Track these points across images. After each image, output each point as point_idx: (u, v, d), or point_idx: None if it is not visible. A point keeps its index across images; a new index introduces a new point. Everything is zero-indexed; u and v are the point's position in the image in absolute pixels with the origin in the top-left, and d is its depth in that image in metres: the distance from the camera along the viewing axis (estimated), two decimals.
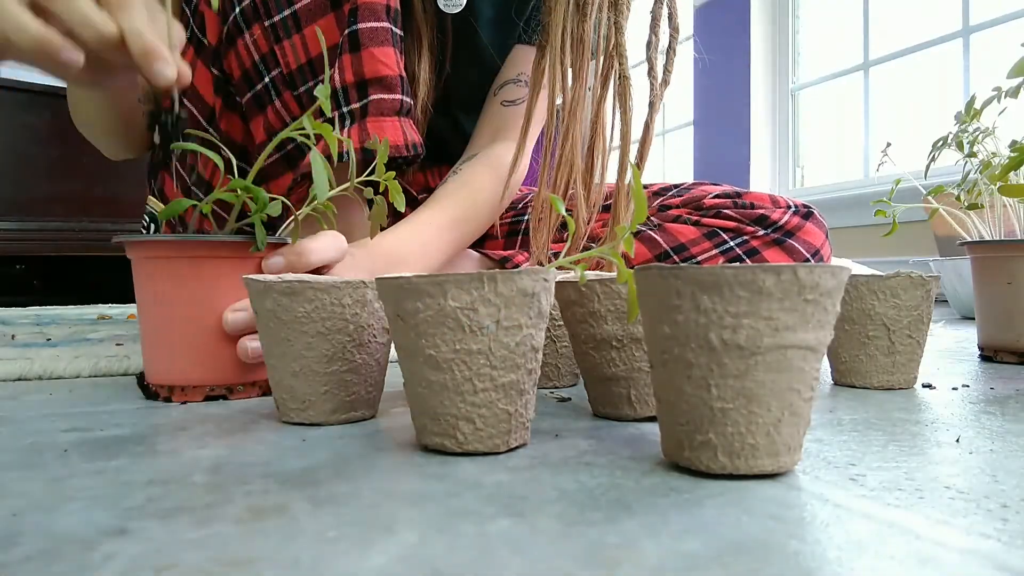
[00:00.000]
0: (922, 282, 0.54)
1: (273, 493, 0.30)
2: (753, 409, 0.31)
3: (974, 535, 0.25)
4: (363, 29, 0.66)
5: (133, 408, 0.49)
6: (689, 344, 0.31)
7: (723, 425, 0.31)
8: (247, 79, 0.69)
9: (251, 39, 0.67)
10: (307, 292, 0.41)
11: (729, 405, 0.31)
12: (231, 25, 0.68)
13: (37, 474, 0.33)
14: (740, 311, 0.30)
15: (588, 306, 0.43)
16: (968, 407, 0.48)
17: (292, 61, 0.67)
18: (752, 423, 0.31)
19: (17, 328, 1.05)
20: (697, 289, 0.30)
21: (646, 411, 0.43)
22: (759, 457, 0.31)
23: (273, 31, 0.67)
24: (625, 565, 0.22)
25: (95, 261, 2.03)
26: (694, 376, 0.31)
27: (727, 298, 0.30)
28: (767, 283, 0.30)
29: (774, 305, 0.30)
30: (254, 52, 0.68)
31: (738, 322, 0.30)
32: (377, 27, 0.67)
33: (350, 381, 0.43)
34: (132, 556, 0.23)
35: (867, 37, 2.64)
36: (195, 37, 0.72)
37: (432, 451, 0.37)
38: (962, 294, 1.42)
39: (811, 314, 0.31)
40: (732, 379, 0.31)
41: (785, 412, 0.31)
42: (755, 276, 0.30)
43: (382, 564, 0.23)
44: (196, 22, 0.72)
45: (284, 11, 0.66)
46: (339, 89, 0.67)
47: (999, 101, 0.76)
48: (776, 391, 0.31)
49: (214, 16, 0.69)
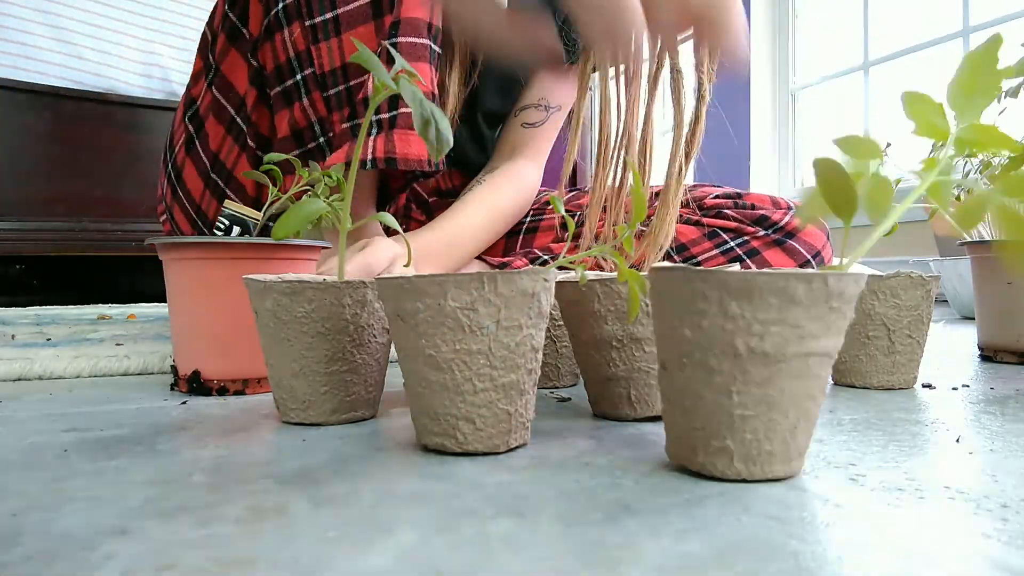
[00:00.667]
0: (922, 282, 0.54)
1: (273, 493, 0.30)
2: (773, 416, 0.30)
3: (974, 535, 0.25)
4: (402, 43, 0.67)
5: (133, 408, 0.49)
6: (712, 349, 0.30)
7: (742, 432, 0.30)
8: (279, 73, 0.71)
9: (289, 35, 0.69)
10: (307, 292, 0.41)
11: (750, 412, 0.30)
12: (272, 19, 0.70)
13: (37, 474, 0.33)
14: (770, 318, 0.29)
15: (588, 306, 0.43)
16: (968, 407, 0.48)
17: (327, 63, 0.68)
18: (771, 430, 0.30)
19: (17, 328, 1.05)
20: (726, 294, 0.30)
21: (646, 411, 0.43)
22: (774, 463, 0.31)
23: (312, 31, 0.68)
24: (625, 565, 0.22)
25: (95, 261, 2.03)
26: (715, 382, 0.31)
27: (757, 305, 0.29)
28: (798, 291, 0.29)
29: (801, 313, 0.29)
30: (290, 48, 0.69)
31: (766, 329, 0.29)
32: (416, 43, 0.67)
33: (350, 381, 0.43)
34: (132, 556, 0.23)
35: (867, 37, 2.64)
36: (234, 25, 0.73)
37: (432, 451, 0.37)
38: (962, 294, 1.42)
39: (833, 322, 0.30)
40: (755, 386, 0.30)
41: (801, 419, 0.31)
42: (787, 283, 0.29)
43: (382, 564, 0.23)
44: (237, 11, 0.73)
45: (326, 14, 0.67)
46: (371, 97, 0.68)
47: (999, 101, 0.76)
48: (795, 398, 0.30)
49: (259, 8, 0.71)
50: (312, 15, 0.68)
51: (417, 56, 0.67)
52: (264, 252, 0.52)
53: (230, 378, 0.53)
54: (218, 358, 0.53)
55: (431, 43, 0.69)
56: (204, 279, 0.52)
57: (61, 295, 2.09)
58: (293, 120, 0.71)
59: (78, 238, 1.87)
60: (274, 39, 0.70)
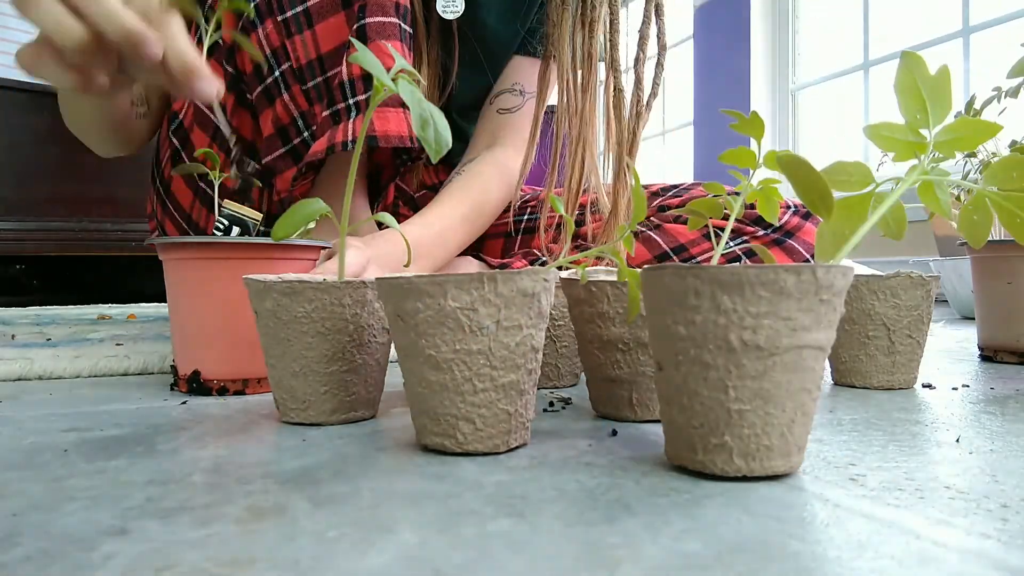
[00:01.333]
0: (922, 282, 0.54)
1: (273, 493, 0.30)
2: (769, 410, 0.30)
3: (974, 535, 0.25)
4: (370, 23, 0.68)
5: (133, 408, 0.49)
6: (707, 345, 0.31)
7: (740, 427, 0.31)
8: (258, 72, 0.71)
9: (263, 33, 0.70)
10: (307, 292, 0.41)
11: (747, 407, 0.30)
12: (245, 21, 0.70)
13: (37, 474, 0.33)
14: (761, 311, 0.30)
15: (597, 307, 0.43)
16: (968, 407, 0.48)
17: (302, 56, 0.69)
18: (768, 424, 0.31)
19: (17, 328, 1.05)
20: (718, 289, 0.30)
21: (647, 415, 0.43)
22: (773, 458, 0.31)
23: (285, 26, 0.69)
24: (625, 565, 0.22)
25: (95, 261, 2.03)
26: (711, 378, 0.31)
27: (748, 298, 0.30)
28: (788, 283, 0.29)
29: (792, 305, 0.30)
30: (266, 46, 0.70)
31: (759, 323, 0.30)
32: (385, 22, 0.68)
33: (350, 381, 0.43)
34: (132, 556, 0.23)
35: (867, 37, 2.65)
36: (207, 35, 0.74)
37: (432, 451, 0.37)
38: (962, 294, 1.42)
39: (824, 314, 0.30)
40: (750, 380, 0.30)
41: (798, 412, 0.31)
42: (777, 276, 0.29)
43: (382, 564, 0.23)
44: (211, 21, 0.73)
45: (296, 7, 0.68)
46: (346, 82, 0.68)
47: (999, 101, 0.76)
48: (791, 391, 0.31)
49: (231, 15, 0.72)
50: (283, 9, 0.69)
51: (388, 35, 0.68)
52: (264, 252, 0.52)
53: (230, 378, 0.53)
54: (218, 358, 0.53)
55: (400, 22, 0.70)
56: (204, 279, 0.52)
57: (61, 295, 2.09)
58: (276, 117, 0.71)
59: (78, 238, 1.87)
60: (249, 40, 0.71)
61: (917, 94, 0.33)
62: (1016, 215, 0.33)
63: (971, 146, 0.33)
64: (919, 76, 0.33)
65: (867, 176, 0.36)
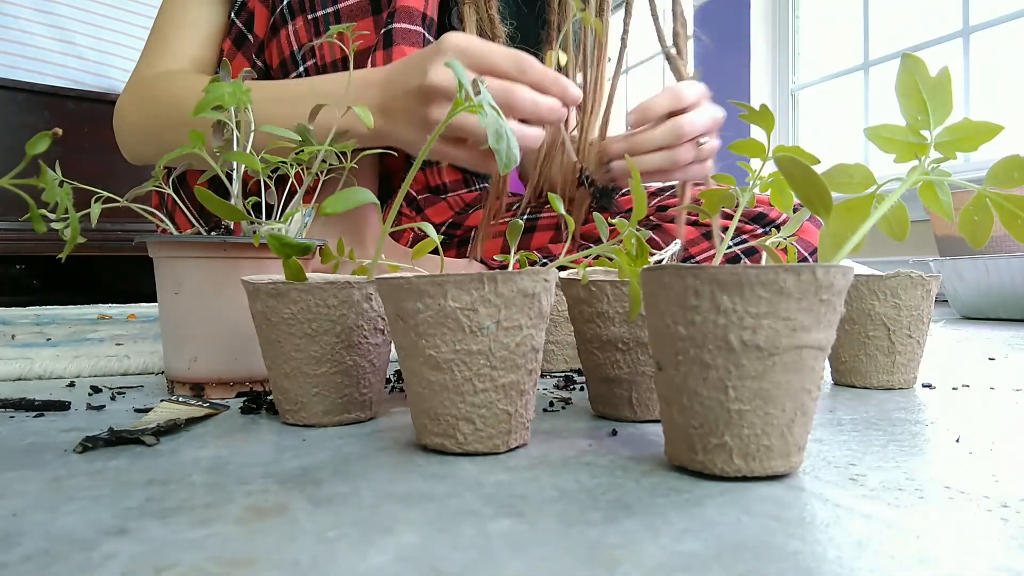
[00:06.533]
0: (922, 282, 0.54)
1: (273, 493, 0.30)
2: (769, 410, 0.30)
3: (974, 535, 0.25)
4: (397, 29, 0.71)
5: (133, 408, 0.48)
6: (707, 345, 0.30)
7: (739, 427, 0.31)
8: (283, 67, 0.74)
9: (293, 30, 0.73)
10: (291, 294, 0.41)
11: (746, 407, 0.30)
12: (277, 16, 0.74)
13: (37, 474, 0.33)
14: (761, 311, 0.30)
15: (597, 306, 0.43)
16: (968, 407, 0.48)
17: (328, 55, 0.72)
18: (768, 424, 0.31)
19: (17, 328, 1.05)
20: (717, 289, 0.30)
21: (646, 415, 0.43)
22: (773, 458, 0.31)
23: (315, 25, 0.72)
24: (625, 565, 0.22)
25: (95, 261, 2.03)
26: (710, 378, 0.31)
27: (748, 298, 0.30)
28: (788, 283, 0.29)
29: (792, 305, 0.30)
30: (294, 42, 0.73)
31: (758, 323, 0.30)
32: (410, 29, 0.72)
33: (341, 383, 0.43)
34: (132, 556, 0.23)
35: (867, 37, 2.64)
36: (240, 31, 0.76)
37: (432, 451, 0.37)
38: (962, 294, 1.42)
39: (824, 314, 0.30)
40: (750, 380, 0.30)
41: (797, 412, 0.31)
42: (777, 276, 0.29)
43: (382, 564, 0.23)
44: (243, 18, 0.77)
45: (328, 8, 0.72)
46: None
47: None
48: (791, 391, 0.31)
49: (263, 10, 0.75)
50: (315, 8, 0.72)
51: (412, 41, 0.72)
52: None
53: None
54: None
55: (425, 32, 0.74)
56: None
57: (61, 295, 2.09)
58: None
59: None
60: (279, 36, 0.74)
61: (918, 96, 0.33)
62: (1016, 215, 0.33)
63: (972, 147, 0.33)
64: (920, 78, 0.33)
65: (868, 178, 0.36)
